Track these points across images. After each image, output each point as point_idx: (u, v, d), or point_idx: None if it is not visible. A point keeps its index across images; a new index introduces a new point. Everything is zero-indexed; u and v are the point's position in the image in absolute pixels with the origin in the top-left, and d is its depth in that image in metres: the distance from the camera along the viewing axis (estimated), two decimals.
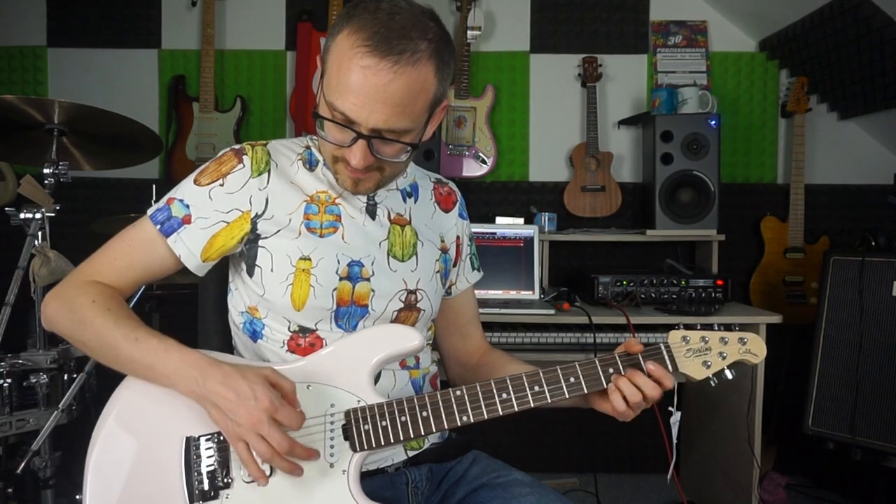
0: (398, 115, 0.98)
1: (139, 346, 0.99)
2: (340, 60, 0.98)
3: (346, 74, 0.97)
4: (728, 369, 1.08)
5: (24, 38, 2.91)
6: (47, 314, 1.06)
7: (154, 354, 0.98)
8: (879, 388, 2.12)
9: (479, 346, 1.35)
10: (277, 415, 0.92)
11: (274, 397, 0.93)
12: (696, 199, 2.57)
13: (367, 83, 0.96)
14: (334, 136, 1.03)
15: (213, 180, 1.09)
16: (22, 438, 1.76)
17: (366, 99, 0.96)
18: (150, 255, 1.09)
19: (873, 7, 2.29)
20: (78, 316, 1.02)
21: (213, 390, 0.94)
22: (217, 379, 0.95)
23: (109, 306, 1.03)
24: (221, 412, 0.94)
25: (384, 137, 1.01)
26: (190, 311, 1.27)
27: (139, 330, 1.01)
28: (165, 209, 1.09)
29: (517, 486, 1.12)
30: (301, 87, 2.83)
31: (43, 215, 1.78)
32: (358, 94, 0.96)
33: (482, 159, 2.88)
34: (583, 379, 1.06)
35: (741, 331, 1.10)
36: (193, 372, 0.96)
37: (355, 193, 1.13)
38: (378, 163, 1.05)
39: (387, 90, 0.96)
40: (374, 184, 1.10)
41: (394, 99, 0.97)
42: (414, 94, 0.99)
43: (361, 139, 1.00)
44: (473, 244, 1.35)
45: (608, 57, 2.91)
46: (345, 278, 1.09)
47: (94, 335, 1.02)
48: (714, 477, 2.51)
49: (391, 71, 0.95)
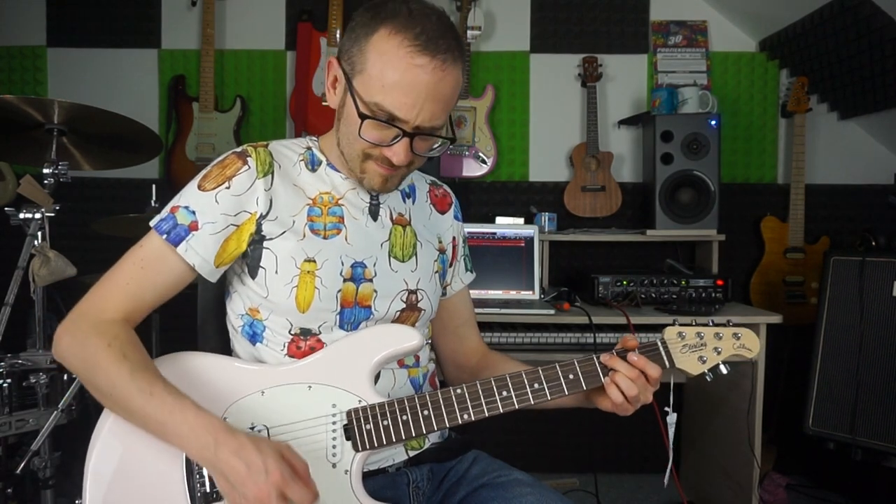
0: (442, 111, 1.02)
1: (153, 401, 0.95)
2: (386, 60, 0.99)
3: (396, 73, 0.98)
4: (723, 364, 1.10)
5: (23, 38, 2.91)
6: (59, 350, 1.02)
7: (169, 413, 0.94)
8: (880, 388, 2.12)
9: (477, 348, 1.34)
10: (288, 490, 0.90)
11: (286, 472, 0.90)
12: (697, 199, 2.57)
13: (419, 81, 0.98)
14: (374, 136, 1.04)
15: (219, 184, 1.07)
16: (21, 438, 1.76)
17: (417, 97, 0.99)
18: (163, 272, 1.06)
19: (873, 7, 2.29)
20: (91, 359, 0.98)
21: (225, 460, 0.91)
22: (231, 448, 0.91)
23: (126, 352, 0.98)
24: (230, 484, 0.91)
25: (425, 134, 1.03)
26: (190, 312, 1.27)
27: (155, 384, 0.96)
28: (170, 218, 1.06)
29: (517, 485, 1.13)
30: (301, 87, 2.83)
31: (43, 215, 1.77)
32: (409, 93, 0.98)
33: (482, 159, 2.88)
34: (581, 375, 1.07)
35: (735, 326, 1.12)
36: (207, 438, 0.92)
37: (381, 191, 1.13)
38: (412, 157, 1.06)
39: (437, 88, 0.99)
40: (400, 180, 1.12)
41: (443, 96, 1.01)
42: (455, 90, 1.04)
43: (405, 137, 1.02)
44: (467, 245, 1.35)
45: (608, 57, 2.91)
46: (348, 280, 1.09)
47: (106, 382, 0.98)
48: (714, 477, 2.50)
49: (441, 69, 0.99)
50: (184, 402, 0.95)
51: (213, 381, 1.05)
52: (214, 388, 1.04)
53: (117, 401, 0.98)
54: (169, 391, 0.96)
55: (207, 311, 1.26)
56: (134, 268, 1.06)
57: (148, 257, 1.06)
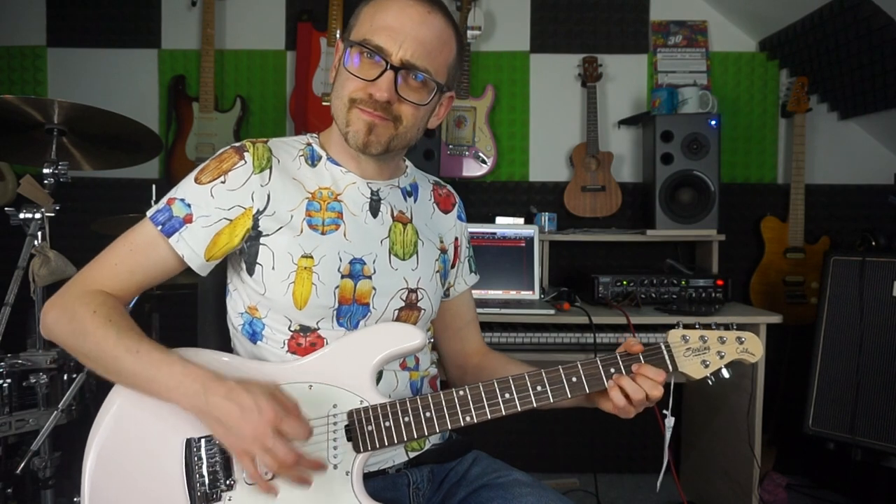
0: (426, 53, 1.06)
1: (141, 358, 0.97)
2: (377, 7, 1.07)
3: (384, 12, 1.06)
4: (725, 368, 1.10)
5: (24, 38, 2.91)
6: (46, 323, 1.04)
7: (156, 368, 0.96)
8: (879, 388, 2.12)
9: (478, 349, 1.34)
10: (283, 426, 0.91)
11: (278, 409, 0.92)
12: (697, 199, 2.57)
13: (402, 15, 1.05)
14: (360, 71, 1.06)
15: (215, 178, 1.08)
16: (21, 438, 1.75)
17: (400, 30, 1.04)
18: (152, 257, 1.07)
19: (873, 7, 2.29)
20: (78, 327, 1.00)
21: (217, 404, 0.93)
22: (220, 393, 0.93)
23: (111, 317, 1.00)
24: (224, 427, 0.93)
25: (411, 69, 1.05)
26: (190, 311, 1.27)
27: (142, 343, 0.99)
28: (166, 209, 1.07)
29: (517, 486, 1.13)
30: (301, 88, 2.83)
31: (43, 215, 1.77)
32: (393, 27, 1.04)
33: (482, 159, 2.88)
34: (584, 378, 1.06)
35: (738, 330, 1.12)
36: (196, 386, 0.94)
37: (365, 147, 1.08)
38: (398, 107, 1.07)
39: (421, 26, 1.05)
40: (387, 137, 1.08)
41: (425, 36, 1.05)
42: (442, 42, 1.08)
43: (390, 69, 1.04)
44: (471, 247, 1.35)
45: (608, 57, 2.91)
46: (346, 276, 1.09)
47: (94, 346, 0.99)
48: (714, 477, 2.50)
49: (425, 11, 1.06)
50: (170, 356, 0.98)
51: None
52: None
53: (106, 363, 1.00)
54: (155, 347, 0.99)
55: (207, 310, 1.26)
56: (124, 249, 1.08)
57: (138, 242, 1.08)
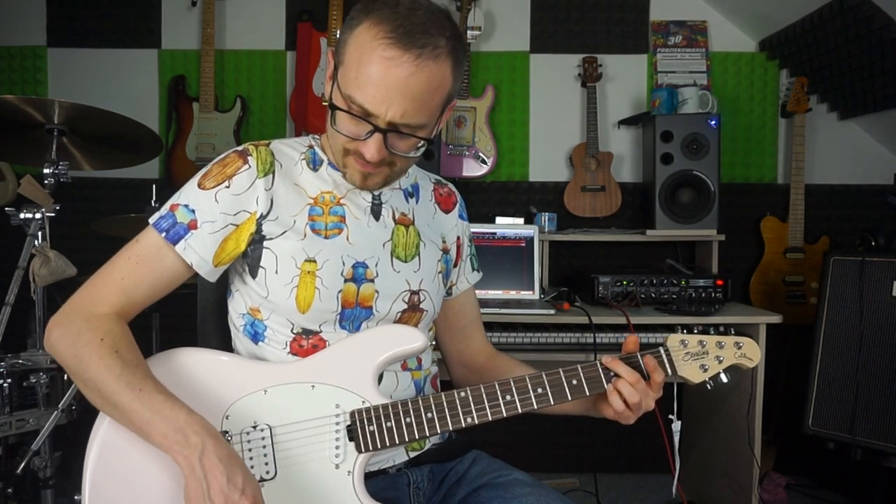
0: (416, 109, 0.99)
1: (142, 397, 0.93)
2: (361, 52, 0.98)
3: (367, 66, 0.97)
4: (724, 373, 1.11)
5: (24, 38, 2.90)
6: (50, 340, 1.01)
7: (156, 411, 0.93)
8: (879, 388, 2.13)
9: (483, 348, 1.34)
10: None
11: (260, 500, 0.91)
12: (696, 199, 2.57)
13: (388, 75, 0.96)
14: (349, 129, 1.03)
15: (219, 183, 1.07)
16: (22, 438, 1.75)
17: (387, 91, 0.97)
18: (158, 268, 1.05)
19: (873, 7, 2.30)
20: (82, 352, 0.97)
21: (209, 463, 0.90)
22: (220, 455, 0.91)
23: (119, 348, 0.98)
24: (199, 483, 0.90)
25: (400, 132, 1.01)
26: (190, 312, 1.27)
27: (146, 381, 0.95)
28: (169, 216, 1.06)
29: (517, 485, 1.13)
30: (301, 88, 2.83)
31: (43, 215, 1.77)
32: (379, 87, 0.97)
33: (482, 159, 2.88)
34: (584, 381, 1.07)
35: (737, 335, 1.13)
36: (195, 439, 0.91)
37: (363, 188, 1.12)
38: (391, 157, 1.05)
39: (408, 83, 0.97)
40: (383, 179, 1.10)
41: (414, 92, 0.98)
42: (433, 88, 1.00)
43: (378, 132, 1.00)
44: (473, 245, 1.35)
45: (608, 57, 2.91)
46: (349, 280, 1.09)
47: (95, 375, 0.96)
48: (714, 477, 2.51)
49: (413, 64, 0.96)
50: (175, 401, 0.95)
51: (215, 379, 1.04)
52: (216, 385, 1.04)
53: (106, 395, 0.96)
54: (159, 389, 0.96)
55: (208, 310, 1.26)
56: (129, 263, 1.05)
57: (144, 253, 1.05)
